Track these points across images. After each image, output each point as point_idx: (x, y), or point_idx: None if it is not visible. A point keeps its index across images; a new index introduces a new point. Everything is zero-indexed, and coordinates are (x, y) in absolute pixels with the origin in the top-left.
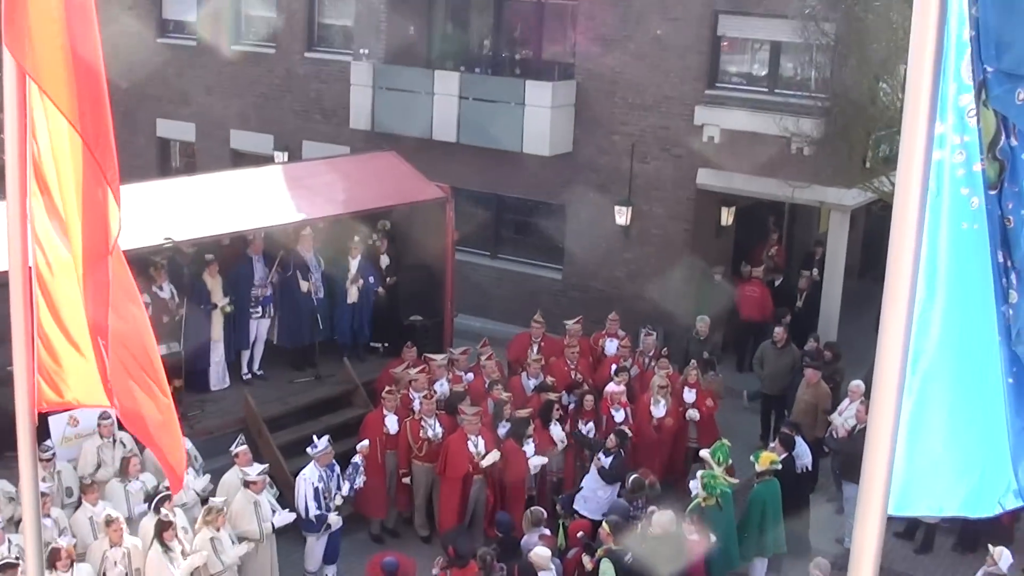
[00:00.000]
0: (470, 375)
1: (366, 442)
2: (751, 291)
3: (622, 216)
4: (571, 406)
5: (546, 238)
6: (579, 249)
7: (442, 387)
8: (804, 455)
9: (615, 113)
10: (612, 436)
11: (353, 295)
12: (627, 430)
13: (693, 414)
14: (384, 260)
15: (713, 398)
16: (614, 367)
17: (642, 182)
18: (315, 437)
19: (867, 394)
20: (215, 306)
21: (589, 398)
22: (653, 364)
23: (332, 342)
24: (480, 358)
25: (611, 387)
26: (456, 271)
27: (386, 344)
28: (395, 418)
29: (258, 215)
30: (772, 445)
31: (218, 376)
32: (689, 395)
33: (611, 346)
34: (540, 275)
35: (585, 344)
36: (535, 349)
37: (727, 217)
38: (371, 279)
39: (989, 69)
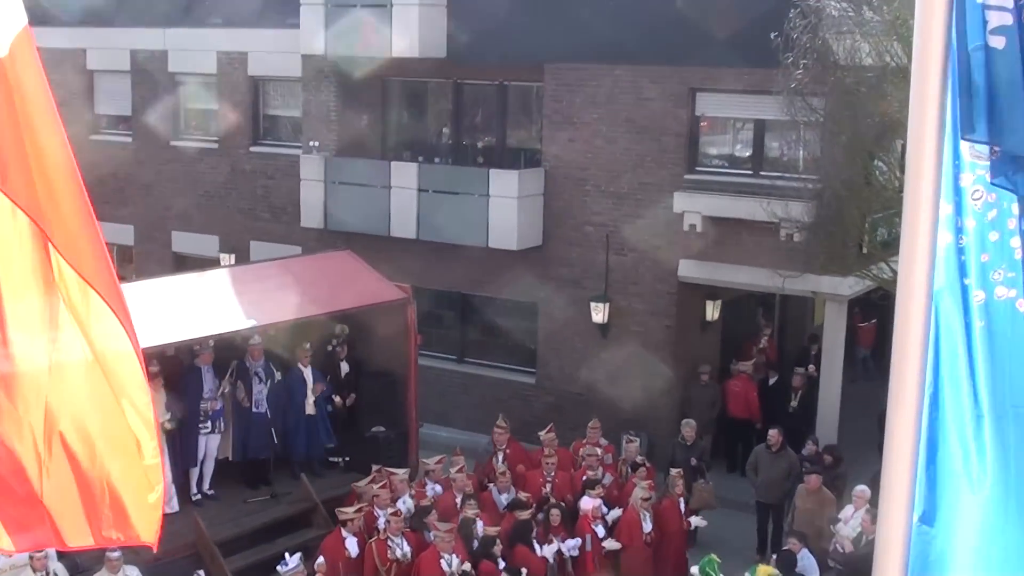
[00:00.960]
0: (438, 487)
1: (321, 559)
2: (735, 386)
3: (599, 313)
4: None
5: (517, 339)
6: (553, 350)
7: (405, 503)
8: (811, 570)
9: (587, 202)
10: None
11: (310, 407)
12: (616, 543)
13: (699, 521)
14: (344, 367)
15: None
16: (584, 477)
17: (619, 276)
18: (287, 555)
19: (873, 501)
20: None
21: (555, 513)
22: (631, 473)
23: (288, 458)
24: (451, 470)
25: (587, 502)
26: (420, 377)
27: (346, 458)
28: (355, 540)
29: (205, 322)
30: (772, 559)
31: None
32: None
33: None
34: (511, 379)
35: (565, 455)
36: (499, 458)
37: (712, 311)
38: (326, 388)
39: (996, 149)
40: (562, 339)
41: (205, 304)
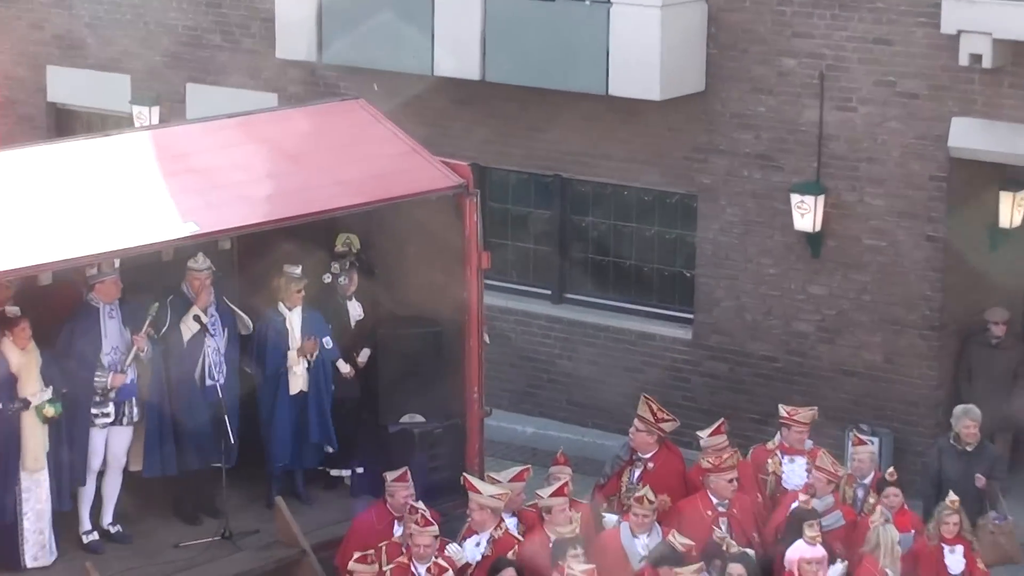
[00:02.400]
0: (511, 520)
1: None
2: None
3: (805, 214)
4: None
5: (659, 261)
6: (723, 280)
7: (464, 551)
8: None
9: (783, 18)
10: None
11: (298, 381)
12: None
13: None
14: (353, 311)
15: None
16: (792, 507)
17: (842, 147)
18: None
19: None
20: (24, 405)
21: (738, 571)
22: (871, 501)
23: (256, 470)
24: (545, 492)
25: (797, 551)
26: (491, 330)
27: (357, 469)
28: None
29: (106, 229)
30: None
31: (36, 542)
32: (953, 559)
33: (793, 469)
34: (650, 332)
35: (746, 470)
36: (635, 476)
37: (1012, 211)
38: (327, 344)
39: None
40: (739, 261)
41: (106, 196)
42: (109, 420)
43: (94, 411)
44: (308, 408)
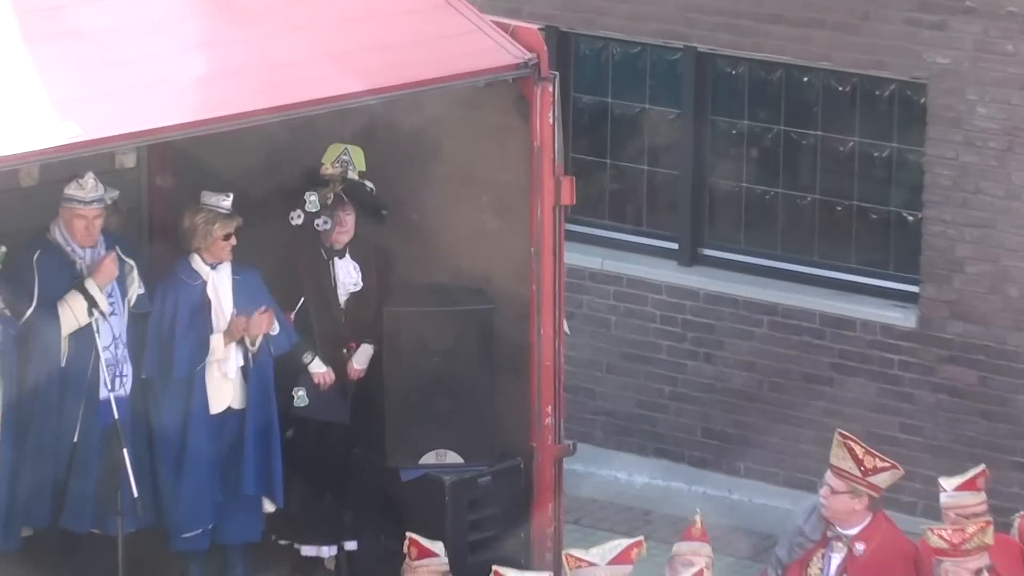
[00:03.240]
0: None
1: None
2: None
3: None
4: None
5: (860, 198)
6: (973, 232)
7: None
8: None
9: None
10: None
11: (225, 390)
12: None
13: None
14: (345, 275)
15: None
16: None
17: None
18: None
19: None
20: None
21: None
22: None
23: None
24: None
25: None
26: (576, 311)
27: (348, 545)
28: None
29: None
30: None
31: None
32: None
33: None
34: (846, 318)
35: (1010, 554)
36: (832, 567)
37: None
38: (274, 329)
39: None
40: (998, 197)
41: None
42: None
43: None
44: (244, 438)
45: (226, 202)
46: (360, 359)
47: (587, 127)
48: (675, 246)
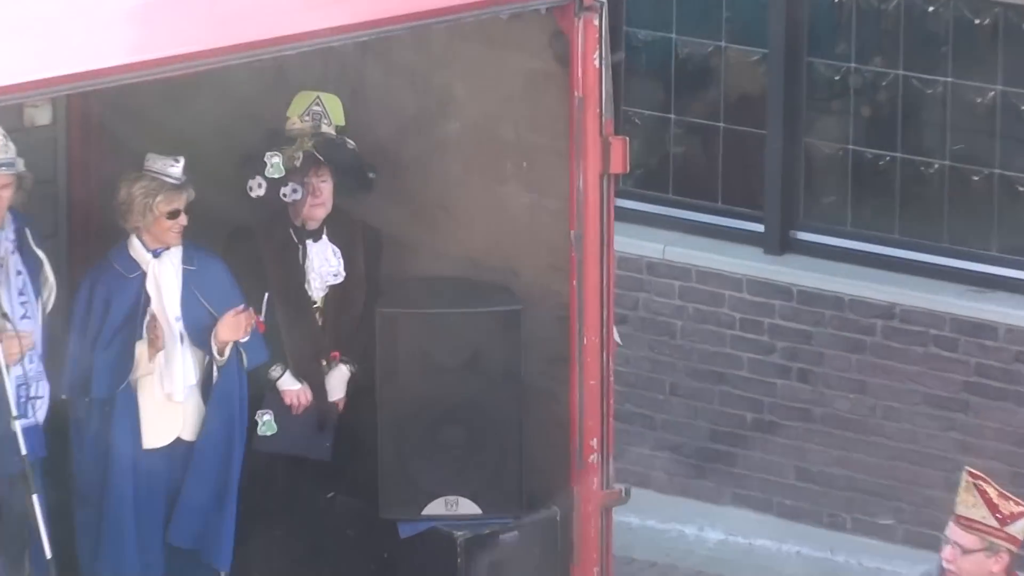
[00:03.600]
0: None
1: None
2: None
3: None
4: None
5: (1003, 181)
6: None
7: None
8: None
9: None
10: None
11: (170, 417)
12: None
13: None
14: (321, 263)
15: None
16: None
17: None
18: None
19: None
20: None
21: None
22: None
23: None
24: None
25: None
26: (630, 313)
27: None
28: None
29: None
30: None
31: None
32: None
33: None
34: (986, 323)
35: None
36: None
37: None
38: (250, 339)
39: None
40: None
41: None
42: None
43: None
44: (188, 479)
45: (175, 168)
46: (335, 384)
47: (645, 72)
48: (760, 228)
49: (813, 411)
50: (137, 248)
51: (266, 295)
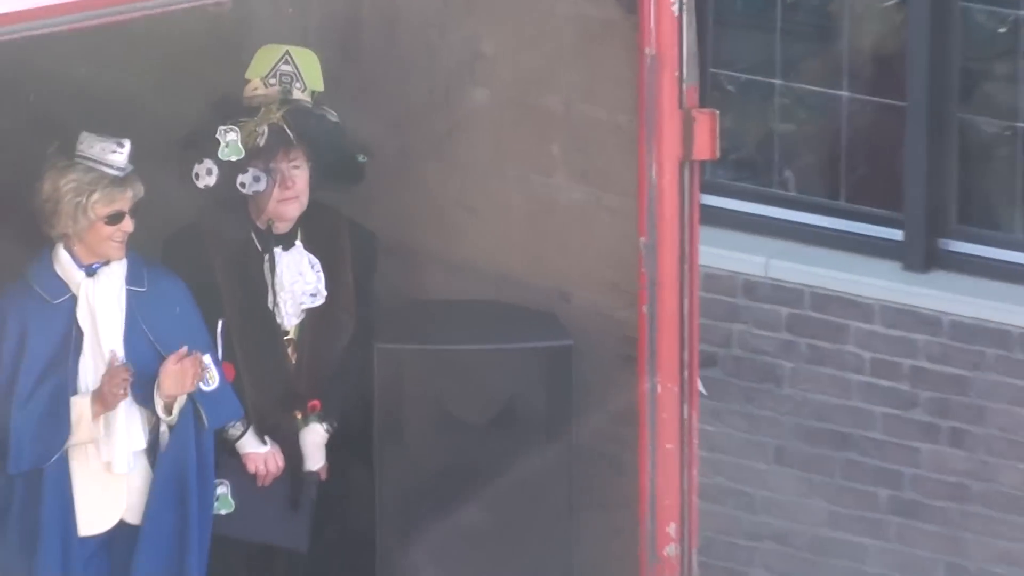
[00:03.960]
0: None
1: None
2: None
3: None
4: None
5: None
6: None
7: None
8: None
9: None
10: None
11: (113, 492)
12: None
13: None
14: (292, 279)
15: None
16: None
17: None
18: None
19: None
20: None
21: None
22: None
23: None
24: None
25: None
26: (731, 347)
27: None
28: None
29: None
30: None
31: None
32: None
33: None
34: None
35: None
36: None
37: None
38: (207, 383)
39: None
40: None
41: None
42: None
43: None
44: (131, 566)
45: (118, 155)
46: (313, 445)
47: (739, 26)
48: (899, 235)
49: (971, 487)
50: (65, 263)
51: (219, 323)
